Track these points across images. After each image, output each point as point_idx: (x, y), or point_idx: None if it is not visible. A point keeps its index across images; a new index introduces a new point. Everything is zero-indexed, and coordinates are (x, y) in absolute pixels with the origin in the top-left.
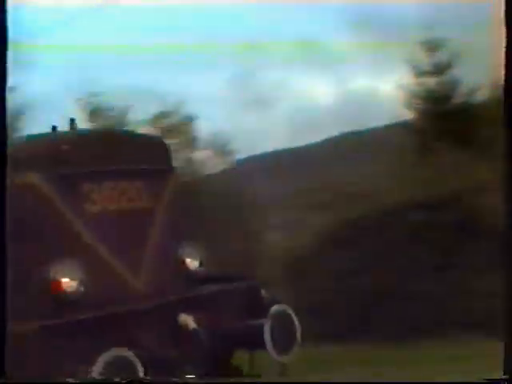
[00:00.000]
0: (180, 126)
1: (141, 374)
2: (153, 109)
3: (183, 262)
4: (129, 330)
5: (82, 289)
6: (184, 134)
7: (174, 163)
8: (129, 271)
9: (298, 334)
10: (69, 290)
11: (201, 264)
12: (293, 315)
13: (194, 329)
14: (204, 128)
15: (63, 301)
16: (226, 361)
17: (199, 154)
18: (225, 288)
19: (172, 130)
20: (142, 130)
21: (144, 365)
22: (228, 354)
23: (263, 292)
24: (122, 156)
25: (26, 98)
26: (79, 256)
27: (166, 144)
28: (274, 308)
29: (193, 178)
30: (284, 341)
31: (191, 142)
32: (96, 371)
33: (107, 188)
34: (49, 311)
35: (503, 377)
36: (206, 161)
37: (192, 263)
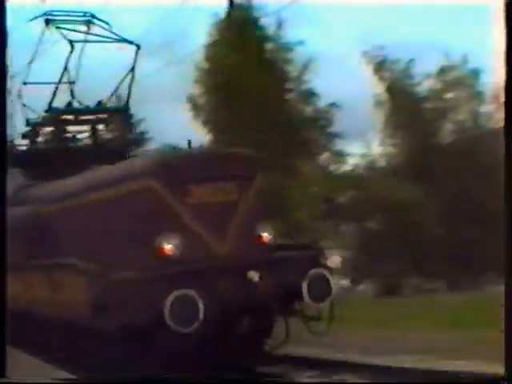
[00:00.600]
0: (465, 80)
1: (201, 310)
2: (437, 62)
3: (259, 236)
4: (207, 280)
5: (178, 252)
6: (469, 88)
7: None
8: (215, 242)
9: (332, 289)
10: (169, 253)
11: (272, 238)
12: (328, 276)
13: (257, 282)
14: (489, 82)
15: (165, 260)
16: (281, 308)
17: (484, 108)
18: (285, 255)
19: (456, 84)
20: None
21: (205, 304)
22: (282, 303)
23: (315, 259)
24: (219, 166)
25: (310, 52)
26: (179, 231)
27: (254, 158)
28: (312, 271)
29: None
30: (319, 293)
31: (476, 96)
32: (168, 302)
33: (204, 187)
34: (154, 267)
35: (503, 376)
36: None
37: (266, 237)
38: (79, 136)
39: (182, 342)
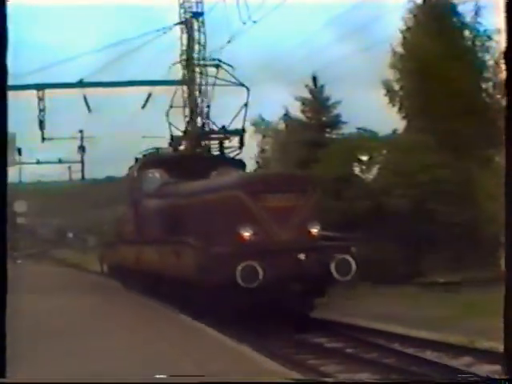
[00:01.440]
0: None
1: (260, 277)
2: None
3: (309, 230)
4: (267, 257)
5: (253, 237)
6: None
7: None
8: (278, 231)
9: (353, 269)
10: (247, 237)
11: (319, 231)
12: (350, 260)
13: (304, 260)
14: None
15: (244, 242)
16: (319, 278)
17: None
18: (322, 244)
19: None
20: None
21: (264, 271)
22: (320, 276)
23: (342, 247)
24: (283, 184)
25: None
26: (253, 224)
27: (307, 178)
28: (337, 256)
29: None
30: (344, 271)
31: None
32: (238, 270)
33: (272, 197)
34: (237, 246)
35: (503, 377)
36: None
37: (314, 230)
38: (210, 148)
39: (249, 295)
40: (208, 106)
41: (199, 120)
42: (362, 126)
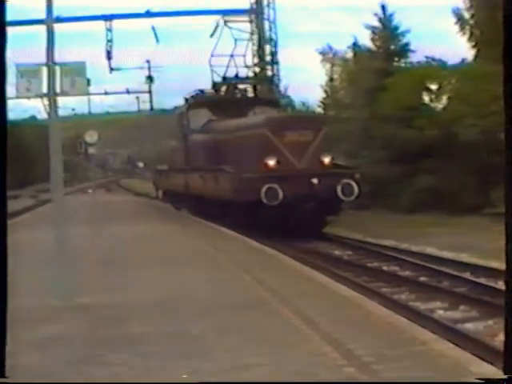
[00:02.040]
0: None
1: (280, 196)
2: None
3: (321, 160)
4: (286, 181)
5: (276, 165)
6: None
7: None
8: (296, 161)
9: (355, 191)
10: (271, 165)
11: (331, 160)
12: (353, 183)
13: (316, 184)
14: None
15: (268, 169)
16: (330, 198)
17: None
18: (331, 171)
19: None
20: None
21: (284, 192)
22: (331, 195)
23: (347, 174)
24: (301, 123)
25: None
26: (276, 155)
27: (322, 119)
28: (343, 180)
29: None
30: (348, 193)
31: None
32: (262, 191)
33: (291, 134)
34: (263, 172)
35: (503, 377)
36: None
37: (326, 160)
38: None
39: (271, 210)
40: (275, 34)
41: (268, 48)
42: (431, 54)
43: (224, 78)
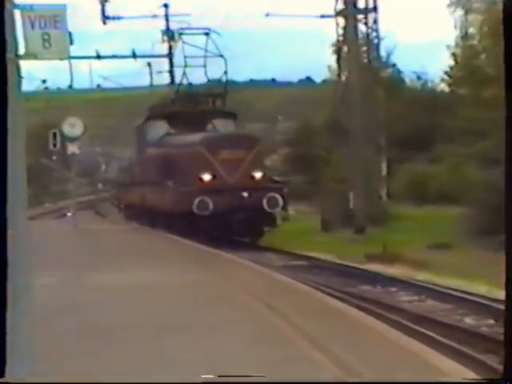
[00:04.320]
0: None
1: (210, 207)
2: None
3: (252, 176)
4: (218, 194)
5: (210, 180)
6: None
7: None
8: (229, 177)
9: (280, 203)
10: (205, 180)
11: (263, 176)
12: (277, 196)
13: (245, 197)
14: None
15: (203, 184)
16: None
17: None
18: (259, 186)
19: None
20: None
21: (214, 204)
22: (258, 209)
23: (274, 188)
24: (234, 142)
25: None
26: (211, 171)
27: (256, 138)
28: (269, 194)
29: None
30: (272, 205)
31: None
32: (194, 204)
33: (225, 152)
34: (198, 186)
35: (503, 377)
36: None
37: (257, 175)
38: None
39: (204, 219)
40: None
41: None
42: None
43: (177, 91)
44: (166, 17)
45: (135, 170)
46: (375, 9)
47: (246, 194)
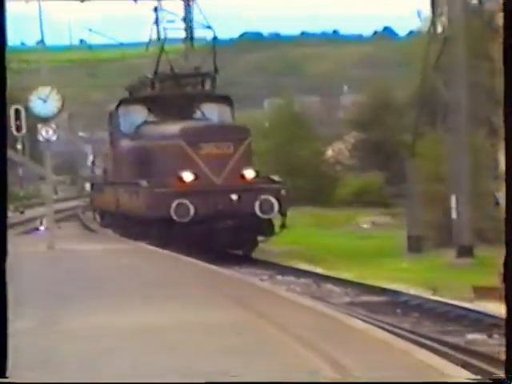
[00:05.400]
0: None
1: (191, 213)
2: None
3: (242, 175)
4: (201, 197)
5: (192, 180)
6: None
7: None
8: (215, 176)
9: (275, 208)
10: (185, 179)
11: (256, 176)
12: (271, 199)
13: (235, 200)
14: None
15: (183, 184)
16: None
17: None
18: (258, 186)
19: None
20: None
21: (195, 208)
22: (250, 215)
23: (268, 190)
24: (222, 134)
25: None
26: (192, 169)
27: (246, 129)
28: (261, 196)
29: None
30: (266, 209)
31: None
32: (172, 207)
33: (209, 146)
34: (177, 186)
35: (503, 377)
36: None
37: (248, 174)
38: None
39: (183, 227)
40: None
41: None
42: None
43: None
44: None
45: (108, 168)
46: None
47: (234, 197)
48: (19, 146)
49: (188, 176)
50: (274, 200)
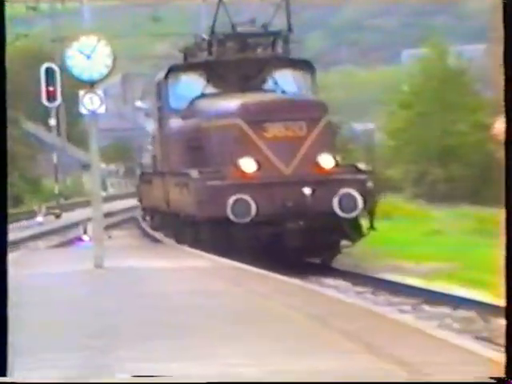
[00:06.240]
0: None
1: (253, 211)
2: None
3: (318, 163)
4: (265, 191)
5: (254, 169)
6: None
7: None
8: (283, 164)
9: (358, 204)
10: (246, 169)
11: (336, 165)
12: (355, 194)
13: (308, 195)
14: None
15: (242, 174)
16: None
17: None
18: (338, 177)
19: None
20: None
21: (258, 206)
22: (327, 214)
23: (351, 181)
24: (292, 111)
25: None
26: (254, 155)
27: (321, 104)
28: (341, 190)
29: None
30: (347, 206)
31: None
32: (229, 204)
33: (276, 127)
34: (235, 178)
35: (504, 377)
36: None
37: (326, 162)
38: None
39: (242, 230)
40: None
41: None
42: None
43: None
44: None
45: (157, 154)
46: None
47: (307, 191)
48: (52, 122)
49: (249, 164)
50: (357, 194)
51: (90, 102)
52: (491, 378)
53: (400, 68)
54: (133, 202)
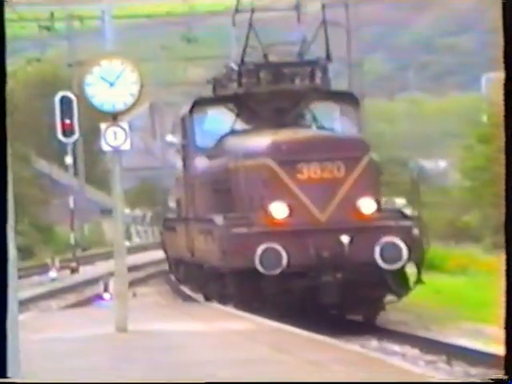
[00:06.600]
0: None
1: (284, 262)
2: None
3: (358, 208)
4: (298, 239)
5: (285, 215)
6: None
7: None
8: (318, 209)
9: (404, 255)
10: (276, 214)
11: (378, 210)
12: (399, 243)
13: (347, 245)
14: None
15: (272, 220)
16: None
17: None
18: (379, 224)
19: None
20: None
21: (289, 256)
22: (366, 265)
23: (394, 228)
24: (326, 149)
25: None
26: (286, 199)
27: (361, 142)
28: (383, 238)
29: None
30: (390, 257)
31: None
32: (257, 254)
33: (311, 167)
34: (263, 225)
35: (504, 377)
36: None
37: (366, 206)
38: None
39: (270, 283)
40: None
41: None
42: None
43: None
44: None
45: (181, 197)
46: None
47: (345, 239)
48: (69, 160)
49: (279, 209)
50: (401, 243)
51: (112, 137)
52: (491, 378)
53: (479, 95)
54: (161, 253)
